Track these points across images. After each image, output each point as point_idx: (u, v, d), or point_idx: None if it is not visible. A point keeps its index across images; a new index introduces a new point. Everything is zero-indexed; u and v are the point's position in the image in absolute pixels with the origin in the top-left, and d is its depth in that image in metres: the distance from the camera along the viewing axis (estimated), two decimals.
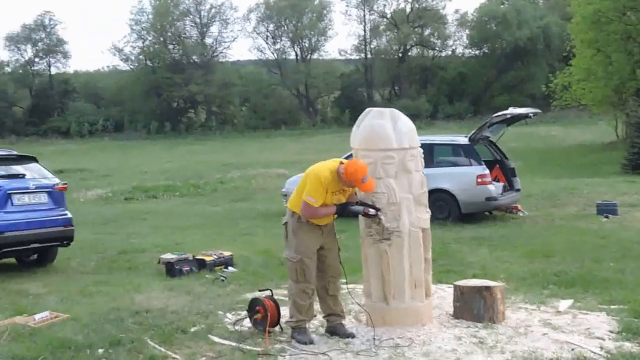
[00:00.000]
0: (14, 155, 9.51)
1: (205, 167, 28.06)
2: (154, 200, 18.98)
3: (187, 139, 48.70)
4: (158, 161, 32.93)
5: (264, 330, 5.75)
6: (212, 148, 40.40)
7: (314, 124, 50.80)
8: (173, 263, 8.52)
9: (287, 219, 5.84)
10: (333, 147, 33.60)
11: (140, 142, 47.83)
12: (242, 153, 35.27)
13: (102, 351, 5.52)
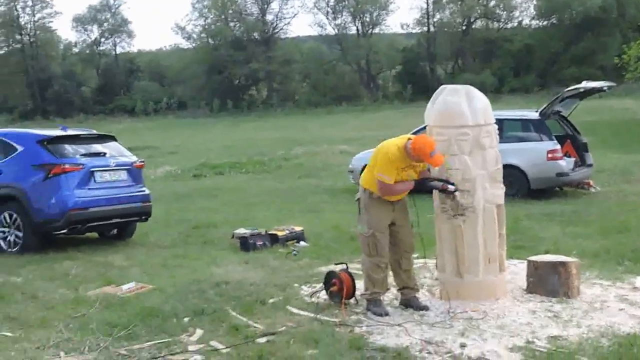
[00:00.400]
0: (95, 134, 9.93)
1: (268, 144, 28.37)
2: (220, 176, 19.39)
3: (249, 116, 49.14)
4: (221, 138, 33.44)
5: (340, 302, 5.94)
6: (273, 125, 40.73)
7: (375, 99, 50.52)
8: (247, 238, 8.80)
9: (360, 195, 5.99)
10: (395, 123, 33.52)
11: (203, 119, 48.52)
12: (304, 130, 35.47)
13: (187, 320, 5.81)
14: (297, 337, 5.24)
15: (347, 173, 14.94)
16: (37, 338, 5.51)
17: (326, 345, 5.03)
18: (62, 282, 7.39)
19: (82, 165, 8.99)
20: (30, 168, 8.95)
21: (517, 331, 5.21)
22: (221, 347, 5.15)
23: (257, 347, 5.10)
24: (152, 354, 5.09)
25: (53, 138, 9.21)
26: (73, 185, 8.85)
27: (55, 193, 8.78)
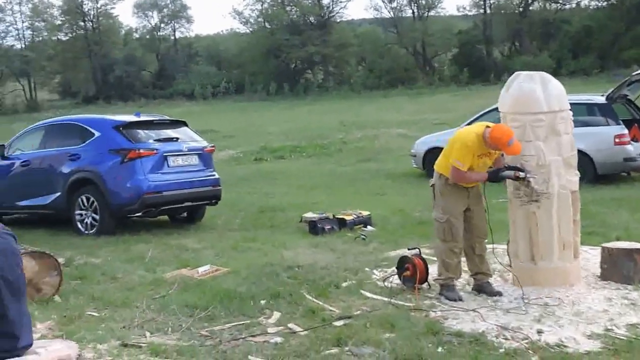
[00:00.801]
0: (167, 120, 10.21)
1: (326, 127, 28.44)
2: (282, 160, 19.60)
3: (305, 99, 49.26)
4: (278, 122, 33.64)
5: (413, 287, 6.03)
6: (329, 108, 40.75)
7: (431, 82, 50.07)
8: (316, 222, 8.94)
9: (435, 180, 6.04)
10: (451, 107, 33.26)
11: (260, 103, 48.84)
12: (360, 113, 35.39)
13: (264, 302, 5.97)
14: (373, 321, 5.34)
15: (409, 157, 14.96)
16: (122, 318, 5.73)
17: (402, 329, 5.12)
18: (139, 264, 7.66)
19: (156, 150, 9.27)
20: (107, 153, 9.27)
21: (594, 318, 5.21)
22: (299, 330, 5.28)
23: (334, 330, 5.21)
24: (233, 335, 5.25)
25: (128, 124, 9.52)
26: (147, 169, 9.14)
27: (131, 177, 9.09)
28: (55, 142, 10.05)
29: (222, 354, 4.88)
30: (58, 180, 9.60)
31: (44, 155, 10.03)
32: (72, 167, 9.52)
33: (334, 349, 4.85)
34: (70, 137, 9.85)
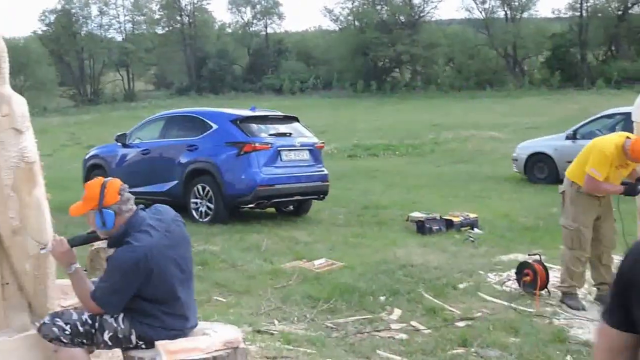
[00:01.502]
0: (281, 115, 10.49)
1: (415, 127, 28.40)
2: (375, 158, 19.75)
3: (392, 98, 49.14)
4: (367, 119, 33.76)
5: (533, 293, 6.05)
6: (416, 107, 40.59)
7: (520, 85, 49.10)
8: (424, 221, 9.03)
9: (565, 187, 6.02)
10: (542, 111, 32.63)
11: (348, 100, 49.06)
12: (448, 113, 35.13)
13: (383, 299, 6.11)
14: (496, 324, 5.39)
15: (505, 160, 14.87)
16: (248, 305, 5.99)
17: (527, 334, 5.15)
18: (256, 254, 7.93)
19: (271, 145, 9.57)
20: (224, 145, 9.62)
21: None
22: (422, 328, 5.39)
23: (457, 330, 5.29)
24: (358, 328, 5.40)
25: (245, 118, 9.85)
26: (262, 162, 9.44)
27: (246, 169, 9.41)
28: (174, 133, 10.52)
29: (350, 346, 5.04)
30: (176, 169, 10.02)
31: (164, 144, 10.50)
32: (190, 157, 9.92)
33: (460, 349, 4.93)
34: (189, 129, 10.27)
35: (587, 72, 47.81)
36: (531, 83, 49.06)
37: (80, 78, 59.38)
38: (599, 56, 51.97)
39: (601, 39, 51.15)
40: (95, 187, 3.39)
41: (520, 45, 52.88)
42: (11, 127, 3.33)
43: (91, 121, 39.33)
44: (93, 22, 61.70)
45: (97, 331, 3.34)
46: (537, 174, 13.55)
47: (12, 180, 3.34)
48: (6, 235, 3.35)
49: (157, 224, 3.42)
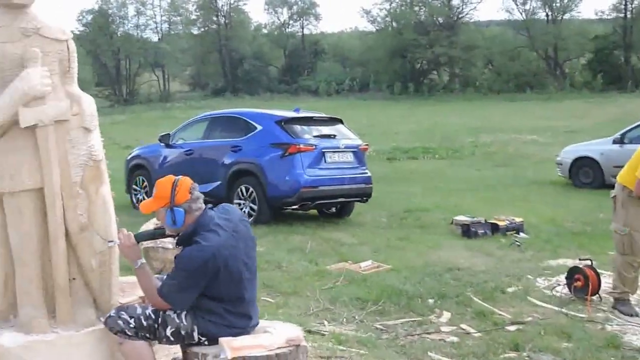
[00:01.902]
0: (325, 117, 10.52)
1: (454, 130, 28.21)
2: (414, 161, 19.67)
3: (429, 100, 48.91)
4: (404, 121, 33.62)
5: (584, 298, 5.98)
6: (455, 110, 40.28)
7: (561, 88, 48.49)
8: (469, 225, 8.98)
9: (617, 192, 5.94)
10: (584, 114, 32.19)
11: (384, 102, 48.95)
12: (488, 116, 34.81)
13: (432, 301, 6.09)
14: (547, 329, 5.34)
15: (547, 164, 14.72)
16: (296, 305, 6.02)
17: (580, 340, 5.10)
18: (300, 255, 7.96)
19: (315, 146, 9.60)
20: (268, 146, 9.67)
21: None
22: (473, 331, 5.37)
23: (508, 334, 5.25)
24: (407, 330, 5.40)
25: (289, 119, 9.90)
26: (306, 164, 9.48)
27: (290, 171, 9.45)
28: (218, 134, 10.61)
29: (401, 347, 5.04)
30: (219, 169, 10.10)
31: (207, 145, 10.59)
32: (234, 158, 10.00)
33: (512, 353, 4.90)
34: (233, 130, 10.35)
35: (631, 74, 47.05)
36: (572, 86, 48.45)
37: (116, 78, 60.18)
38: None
39: None
40: (166, 185, 3.46)
41: (562, 47, 52.27)
42: (81, 125, 3.42)
43: (126, 121, 39.83)
44: (130, 22, 62.56)
45: (160, 326, 3.40)
46: (582, 179, 13.38)
47: (80, 178, 3.42)
48: (74, 231, 3.43)
49: (224, 223, 3.48)
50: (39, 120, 3.26)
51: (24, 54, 3.27)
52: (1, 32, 3.28)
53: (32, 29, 3.32)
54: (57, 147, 3.34)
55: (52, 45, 3.39)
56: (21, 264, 3.38)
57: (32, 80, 3.21)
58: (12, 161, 3.29)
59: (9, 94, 3.21)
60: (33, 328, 3.37)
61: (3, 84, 3.27)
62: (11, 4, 3.28)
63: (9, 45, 3.27)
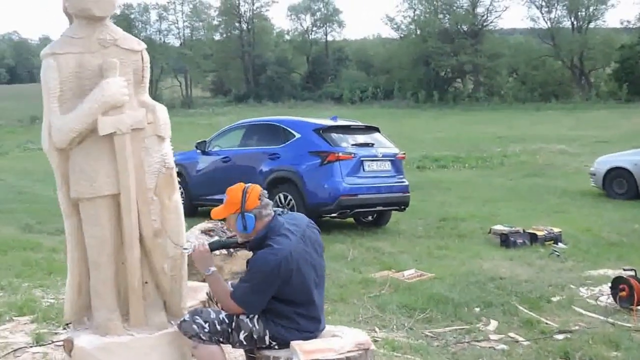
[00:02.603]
0: (362, 125, 10.61)
1: (480, 139, 28.11)
2: (444, 170, 19.68)
3: (454, 109, 48.74)
4: (429, 129, 33.57)
5: (629, 308, 5.99)
6: (480, 119, 40.13)
7: (587, 98, 48.18)
8: (508, 235, 8.99)
9: None
10: (612, 124, 31.92)
11: (409, 110, 48.86)
12: (514, 126, 34.63)
13: (478, 310, 6.12)
14: (595, 338, 5.34)
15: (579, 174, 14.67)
16: (345, 312, 6.06)
17: (629, 349, 5.10)
18: (343, 263, 8.03)
19: (354, 155, 9.68)
20: (307, 154, 9.76)
21: None
22: (522, 340, 5.40)
23: (556, 343, 5.27)
24: (457, 338, 5.44)
25: (328, 127, 10.00)
26: (345, 172, 9.56)
27: (329, 179, 9.53)
28: (255, 141, 10.72)
29: (452, 355, 5.08)
30: (257, 177, 10.15)
31: (245, 152, 10.71)
32: (272, 165, 10.10)
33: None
34: (270, 137, 10.45)
35: None
36: (598, 96, 48.09)
37: None
38: None
39: None
40: (237, 192, 3.57)
41: (587, 57, 52.00)
42: (155, 134, 3.52)
43: None
44: (152, 27, 63.08)
45: (234, 330, 3.49)
46: (616, 189, 13.32)
47: (154, 184, 3.52)
48: (148, 236, 3.54)
49: (294, 228, 3.59)
50: (117, 129, 3.37)
51: (103, 64, 3.38)
52: (81, 43, 3.41)
53: (110, 40, 3.45)
54: (133, 154, 3.44)
55: (128, 56, 3.51)
56: (97, 268, 3.49)
57: (111, 90, 3.33)
58: (90, 168, 3.40)
59: (89, 102, 3.32)
60: (109, 330, 3.47)
61: (82, 93, 3.39)
62: (92, 17, 3.40)
63: (88, 55, 3.40)
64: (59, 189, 3.49)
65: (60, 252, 7.94)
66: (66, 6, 3.42)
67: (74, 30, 3.44)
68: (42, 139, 3.42)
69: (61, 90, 3.34)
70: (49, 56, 3.35)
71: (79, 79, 3.38)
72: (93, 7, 3.36)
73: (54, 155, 3.43)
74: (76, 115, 3.31)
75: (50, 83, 3.32)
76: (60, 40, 3.44)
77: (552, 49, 53.65)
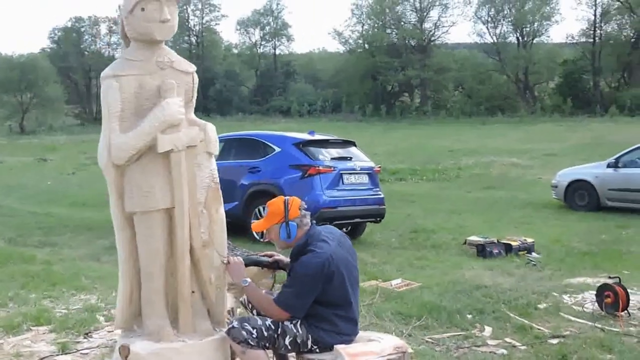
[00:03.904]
0: (340, 140, 10.86)
1: (431, 152, 28.65)
2: (403, 183, 20.06)
3: (402, 122, 49.46)
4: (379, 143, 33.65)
5: (614, 314, 6.33)
6: (428, 132, 40.78)
7: (532, 111, 49.51)
8: (484, 245, 9.33)
9: None
10: (559, 137, 32.94)
11: (357, 123, 49.32)
12: (463, 139, 35.32)
13: (471, 317, 6.37)
14: (588, 342, 5.64)
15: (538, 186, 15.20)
16: None
17: (622, 352, 5.39)
18: None
19: (334, 168, 9.90)
20: (288, 167, 9.95)
21: None
22: (519, 344, 5.67)
23: (552, 347, 5.53)
24: (457, 344, 5.67)
25: (307, 141, 10.21)
26: (325, 185, 9.78)
27: (310, 192, 9.72)
28: (234, 155, 10.83)
29: (456, 359, 5.33)
30: (236, 190, 10.32)
31: (224, 166, 10.72)
32: (252, 179, 10.25)
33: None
34: (249, 151, 10.60)
35: (599, 99, 48.22)
36: (543, 109, 49.38)
37: (86, 96, 59.82)
38: (611, 83, 52.32)
39: (614, 65, 51.41)
40: (279, 204, 3.86)
41: (532, 71, 53.44)
42: (206, 151, 3.69)
43: None
44: (102, 40, 62.42)
45: (280, 336, 3.69)
46: (577, 201, 13.86)
47: (204, 198, 3.69)
48: (197, 247, 3.71)
49: (330, 236, 3.88)
50: (174, 146, 3.54)
51: (162, 85, 3.56)
52: (141, 65, 3.60)
53: (167, 62, 3.63)
54: (187, 170, 3.60)
55: (181, 77, 3.71)
56: (150, 278, 3.63)
57: (171, 109, 3.51)
58: (146, 183, 3.56)
59: (149, 121, 3.49)
60: (162, 337, 3.63)
61: (140, 112, 3.56)
62: (153, 41, 3.58)
63: (148, 77, 3.58)
64: (113, 204, 3.64)
65: (57, 264, 7.95)
66: (127, 30, 3.58)
67: (134, 53, 3.63)
68: (100, 156, 3.57)
69: (121, 109, 3.49)
70: (111, 78, 3.53)
71: (138, 99, 3.56)
72: (155, 32, 3.56)
73: (111, 172, 3.58)
74: (137, 133, 3.47)
75: (112, 103, 3.49)
76: (120, 62, 3.64)
77: (498, 63, 55.00)
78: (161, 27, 3.56)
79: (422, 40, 57.05)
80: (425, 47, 56.72)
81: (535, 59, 52.69)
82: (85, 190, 19.16)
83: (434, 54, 56.40)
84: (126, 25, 3.59)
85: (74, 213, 13.77)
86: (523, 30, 54.99)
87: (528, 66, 52.74)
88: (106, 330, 5.25)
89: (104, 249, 9.44)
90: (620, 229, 11.51)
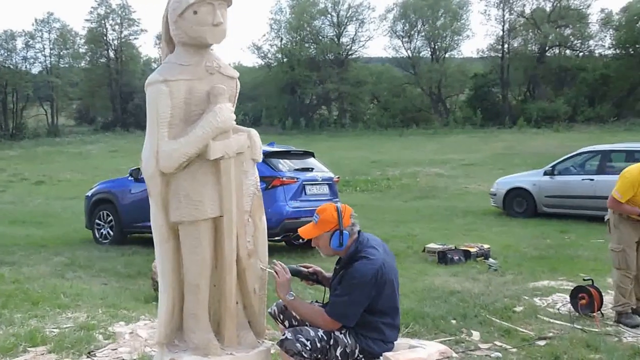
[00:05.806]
0: (300, 151, 10.86)
1: (355, 164, 28.88)
2: None
3: (321, 135, 49.84)
4: None
5: (589, 315, 6.59)
6: (348, 144, 41.23)
7: (445, 123, 50.91)
8: (445, 252, 9.52)
9: (609, 215, 6.66)
10: (475, 147, 34.03)
11: (278, 136, 49.26)
12: (382, 151, 35.89)
13: (455, 322, 6.50)
14: (574, 343, 5.85)
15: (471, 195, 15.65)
16: None
17: (609, 351, 5.59)
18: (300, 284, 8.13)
19: (297, 179, 9.88)
20: None
21: None
22: (509, 347, 5.81)
23: (541, 348, 5.70)
24: (453, 349, 5.75)
25: (270, 153, 10.14)
26: (289, 196, 9.75)
27: (274, 203, 9.66)
28: None
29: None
30: None
31: None
32: None
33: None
34: None
35: (507, 111, 50.08)
36: (455, 121, 50.80)
37: (2, 112, 57.45)
38: (518, 96, 54.44)
39: (521, 79, 53.70)
40: (332, 211, 3.80)
41: (445, 84, 54.99)
42: (251, 157, 3.62)
43: (18, 157, 38.36)
44: (18, 55, 60.20)
45: (332, 347, 3.64)
46: (516, 208, 14.35)
47: (250, 206, 3.62)
48: (243, 257, 3.63)
49: (376, 243, 3.81)
50: (225, 153, 3.45)
51: (212, 90, 3.46)
52: (190, 70, 3.47)
53: (216, 67, 3.53)
54: (235, 177, 3.52)
55: (227, 82, 3.63)
56: (196, 291, 3.52)
57: (224, 115, 3.43)
58: (195, 192, 3.45)
59: (202, 127, 3.38)
60: (209, 350, 3.51)
61: (188, 118, 3.44)
62: (203, 45, 3.48)
63: (197, 82, 3.46)
64: (156, 215, 3.51)
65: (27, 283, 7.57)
66: (175, 34, 3.46)
67: (182, 58, 3.49)
68: (146, 164, 3.42)
69: (171, 115, 3.37)
70: (161, 83, 3.37)
71: (187, 105, 3.44)
72: (207, 35, 3.44)
73: (157, 181, 3.44)
74: (189, 140, 3.36)
75: (161, 109, 3.35)
76: (168, 66, 3.48)
77: (413, 77, 56.30)
78: (213, 30, 3.44)
79: (340, 54, 57.75)
80: (343, 61, 57.45)
81: (448, 72, 54.24)
82: (19, 207, 18.49)
83: (351, 68, 57.19)
84: (175, 28, 3.46)
85: (17, 231, 13.17)
86: (436, 45, 56.52)
87: (441, 79, 54.26)
88: (109, 348, 5.03)
89: (65, 266, 9.07)
90: (562, 234, 11.98)
